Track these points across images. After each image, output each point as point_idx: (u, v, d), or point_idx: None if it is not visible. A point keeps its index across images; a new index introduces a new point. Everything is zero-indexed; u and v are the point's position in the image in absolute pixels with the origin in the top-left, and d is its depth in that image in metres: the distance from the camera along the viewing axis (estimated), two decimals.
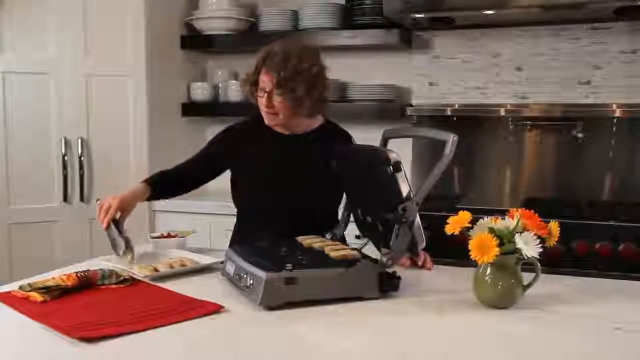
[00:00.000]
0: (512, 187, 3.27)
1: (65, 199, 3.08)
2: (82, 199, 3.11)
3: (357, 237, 2.42)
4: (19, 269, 2.94)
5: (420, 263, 1.86)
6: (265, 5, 3.58)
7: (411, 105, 3.36)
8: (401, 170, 1.55)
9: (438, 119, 3.30)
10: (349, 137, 2.16)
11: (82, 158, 3.09)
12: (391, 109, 3.30)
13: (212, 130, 3.79)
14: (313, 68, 1.95)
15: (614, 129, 3.07)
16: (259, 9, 3.57)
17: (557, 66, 3.18)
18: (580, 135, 3.10)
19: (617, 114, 3.03)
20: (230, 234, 3.04)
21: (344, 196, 1.98)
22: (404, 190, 1.55)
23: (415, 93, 3.42)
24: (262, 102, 1.98)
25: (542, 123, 3.19)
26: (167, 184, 2.15)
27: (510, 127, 3.21)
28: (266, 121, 2.05)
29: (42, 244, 3.06)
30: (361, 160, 1.74)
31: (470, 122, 3.26)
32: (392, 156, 1.55)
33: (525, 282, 1.51)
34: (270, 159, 2.07)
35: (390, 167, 1.55)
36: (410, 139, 3.28)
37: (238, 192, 2.13)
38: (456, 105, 3.31)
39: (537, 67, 3.21)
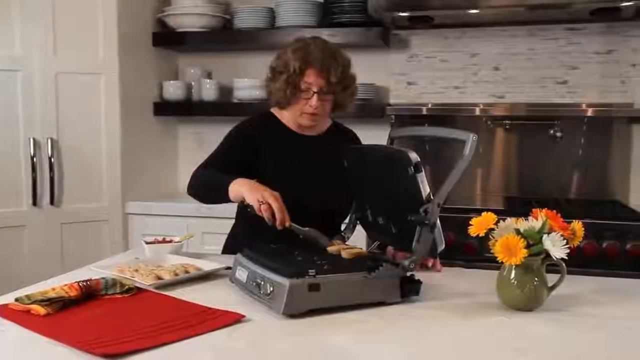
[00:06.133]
0: (490, 186, 3.29)
1: (34, 202, 2.92)
2: (52, 202, 2.96)
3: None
4: None
5: (430, 265, 1.83)
6: (240, 2, 3.50)
7: (389, 105, 3.35)
8: (422, 171, 1.52)
9: (415, 118, 3.29)
10: (357, 138, 2.14)
11: (52, 159, 2.94)
12: (371, 108, 3.27)
13: (185, 130, 3.70)
14: (351, 65, 1.99)
15: (590, 128, 3.12)
16: (233, 6, 3.48)
17: (534, 66, 3.22)
18: (558, 134, 3.14)
19: (593, 113, 3.08)
20: (207, 236, 2.99)
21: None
22: (425, 191, 1.51)
23: (393, 92, 3.41)
24: (310, 102, 1.92)
25: (519, 122, 3.21)
26: None
27: (490, 126, 3.22)
28: (305, 122, 1.99)
29: (10, 250, 2.89)
30: (378, 160, 1.69)
31: (447, 121, 3.26)
32: (413, 156, 1.51)
33: (549, 284, 1.49)
34: (291, 160, 2.01)
35: (412, 167, 1.50)
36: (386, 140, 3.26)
37: None
38: (429, 105, 3.31)
39: (514, 67, 3.24)
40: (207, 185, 1.93)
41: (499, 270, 1.52)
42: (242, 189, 1.77)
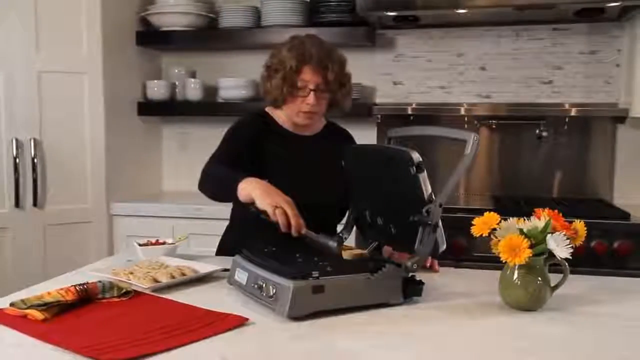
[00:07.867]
0: (476, 186, 3.30)
1: (17, 204, 2.86)
2: (35, 203, 2.89)
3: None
4: None
5: (428, 265, 1.82)
6: (225, 0, 3.47)
7: (375, 104, 3.34)
8: (424, 171, 1.51)
9: (402, 118, 3.29)
10: (351, 137, 2.13)
11: (35, 160, 2.87)
12: (357, 107, 3.25)
13: (169, 130, 3.66)
14: (346, 63, 1.99)
15: (575, 127, 3.15)
16: (218, 5, 3.45)
17: (519, 66, 3.24)
18: (543, 134, 3.16)
19: (578, 113, 3.12)
20: (193, 238, 2.94)
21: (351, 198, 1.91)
22: (427, 191, 1.51)
23: (379, 92, 3.40)
24: (307, 100, 1.92)
25: (505, 122, 3.23)
26: None
27: (476, 125, 3.23)
28: (301, 120, 1.98)
29: None
30: (378, 160, 1.68)
31: (433, 121, 3.26)
32: (415, 156, 1.50)
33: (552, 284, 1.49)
34: (290, 160, 1.99)
35: (414, 167, 1.50)
36: (371, 139, 3.26)
37: None
38: (414, 104, 3.31)
39: (500, 67, 3.26)
40: (216, 184, 1.87)
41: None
42: (254, 192, 1.68)
